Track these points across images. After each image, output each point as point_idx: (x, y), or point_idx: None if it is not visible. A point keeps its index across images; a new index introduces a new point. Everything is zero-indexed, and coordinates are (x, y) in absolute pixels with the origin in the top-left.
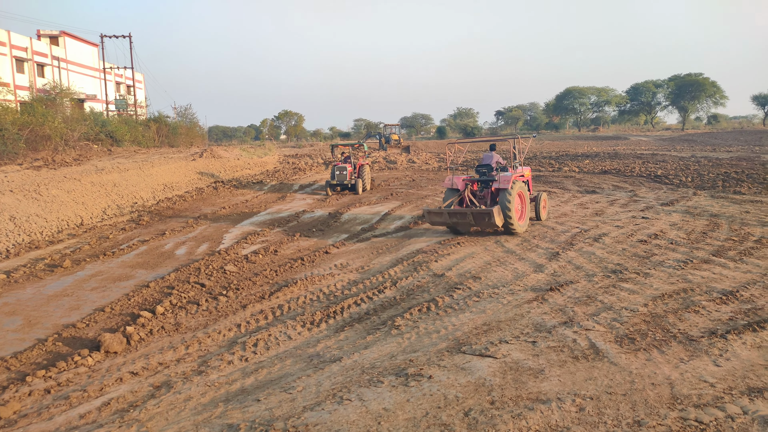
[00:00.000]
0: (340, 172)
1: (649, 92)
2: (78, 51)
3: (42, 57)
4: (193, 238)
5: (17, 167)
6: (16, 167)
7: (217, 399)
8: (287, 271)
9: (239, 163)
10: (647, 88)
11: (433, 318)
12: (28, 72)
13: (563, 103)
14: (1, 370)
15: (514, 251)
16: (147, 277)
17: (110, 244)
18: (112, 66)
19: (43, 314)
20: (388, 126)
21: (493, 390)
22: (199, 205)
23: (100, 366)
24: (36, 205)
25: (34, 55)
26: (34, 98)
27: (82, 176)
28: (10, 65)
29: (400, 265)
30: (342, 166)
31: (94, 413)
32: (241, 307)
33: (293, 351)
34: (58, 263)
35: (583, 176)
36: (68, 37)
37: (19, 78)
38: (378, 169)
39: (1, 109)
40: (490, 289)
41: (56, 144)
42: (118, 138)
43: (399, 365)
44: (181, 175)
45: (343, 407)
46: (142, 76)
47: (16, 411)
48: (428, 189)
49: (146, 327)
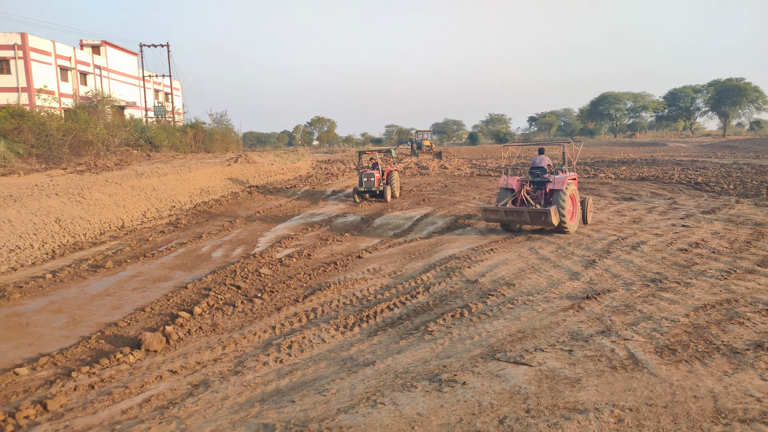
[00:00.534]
0: (368, 178)
1: (687, 98)
2: (118, 60)
3: (84, 66)
4: (229, 242)
5: (62, 171)
6: (60, 171)
7: (253, 399)
8: (321, 274)
9: (273, 169)
10: (686, 94)
11: (466, 324)
12: (72, 80)
13: (598, 109)
14: (49, 365)
15: (548, 258)
16: (185, 279)
17: (150, 246)
18: (151, 74)
19: (86, 313)
20: (420, 132)
21: (528, 398)
22: (234, 209)
23: (140, 364)
24: (80, 207)
25: (77, 64)
26: (78, 105)
27: (122, 180)
28: (55, 74)
29: (432, 271)
30: (370, 173)
31: (136, 409)
32: (276, 310)
33: (327, 354)
34: (100, 264)
35: (620, 183)
36: (109, 46)
37: (63, 86)
38: (410, 175)
39: (47, 116)
40: (525, 296)
41: (98, 149)
42: (156, 144)
43: (432, 370)
44: (217, 179)
45: (377, 411)
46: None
47: (62, 405)
48: (460, 195)
49: (184, 327)
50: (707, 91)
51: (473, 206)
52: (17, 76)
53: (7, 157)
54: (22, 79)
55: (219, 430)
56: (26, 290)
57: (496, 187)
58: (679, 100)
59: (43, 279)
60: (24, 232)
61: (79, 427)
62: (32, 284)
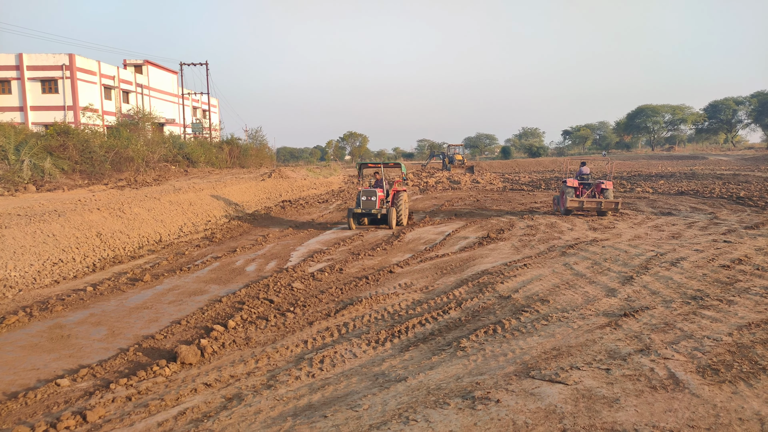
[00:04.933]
0: (368, 198)
1: (729, 110)
2: (159, 78)
3: (127, 84)
4: (262, 256)
5: (103, 187)
6: (102, 187)
7: (286, 413)
8: (352, 289)
9: (306, 183)
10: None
11: (499, 340)
12: (115, 98)
13: (635, 122)
14: (88, 377)
15: (584, 274)
16: (219, 292)
17: (186, 260)
18: (189, 92)
19: (125, 325)
20: (452, 146)
21: (564, 417)
22: (267, 224)
23: (176, 376)
24: (120, 222)
25: (120, 82)
26: (120, 123)
27: (161, 195)
28: (100, 93)
29: (465, 286)
30: (370, 191)
31: (171, 422)
32: (308, 324)
33: (359, 369)
34: (139, 277)
35: (658, 197)
36: (151, 65)
37: (106, 104)
38: (441, 190)
39: (91, 133)
40: (559, 313)
41: (138, 165)
42: (193, 159)
43: (465, 387)
44: (251, 194)
45: (410, 428)
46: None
47: (101, 416)
48: (493, 210)
49: (219, 340)
50: (750, 103)
51: (506, 221)
52: (64, 95)
53: (53, 173)
54: (68, 97)
55: None
56: (68, 303)
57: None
58: (720, 113)
59: (84, 292)
60: (67, 245)
61: None
62: (74, 297)
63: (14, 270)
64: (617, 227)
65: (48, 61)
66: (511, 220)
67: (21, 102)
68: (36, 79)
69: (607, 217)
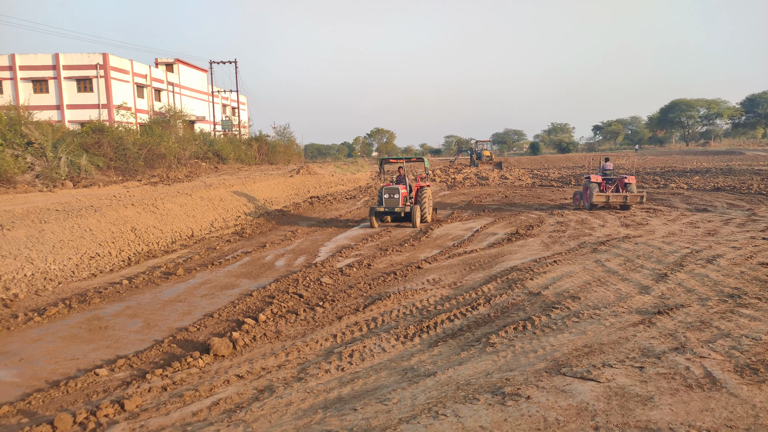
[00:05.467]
0: (390, 195)
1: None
2: (190, 76)
3: (159, 83)
4: (291, 251)
5: (137, 183)
6: (136, 183)
7: (316, 405)
8: (380, 284)
9: (333, 180)
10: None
11: (529, 337)
12: (147, 97)
13: (668, 117)
14: (125, 367)
15: (616, 271)
16: (250, 287)
17: (217, 254)
18: (219, 89)
19: (159, 318)
20: (480, 142)
21: (597, 415)
22: (296, 219)
23: (209, 368)
24: (153, 217)
25: (152, 81)
26: (152, 120)
27: (192, 191)
28: (133, 91)
29: (493, 282)
30: (393, 188)
31: (205, 411)
32: (337, 318)
33: (387, 363)
34: (172, 271)
35: (693, 193)
36: (182, 64)
37: (139, 102)
38: (469, 186)
39: (125, 131)
40: (591, 310)
41: (170, 162)
42: (223, 156)
43: (495, 383)
44: (279, 190)
45: (439, 422)
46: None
47: (138, 405)
48: (522, 206)
49: (250, 333)
50: None
51: (535, 217)
52: (98, 93)
53: (89, 170)
54: (102, 96)
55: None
56: (105, 295)
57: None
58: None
59: (120, 285)
60: (103, 240)
61: (154, 427)
62: (110, 290)
63: (54, 263)
64: (650, 224)
65: (83, 61)
66: (541, 216)
67: (58, 101)
68: (72, 78)
69: (640, 214)
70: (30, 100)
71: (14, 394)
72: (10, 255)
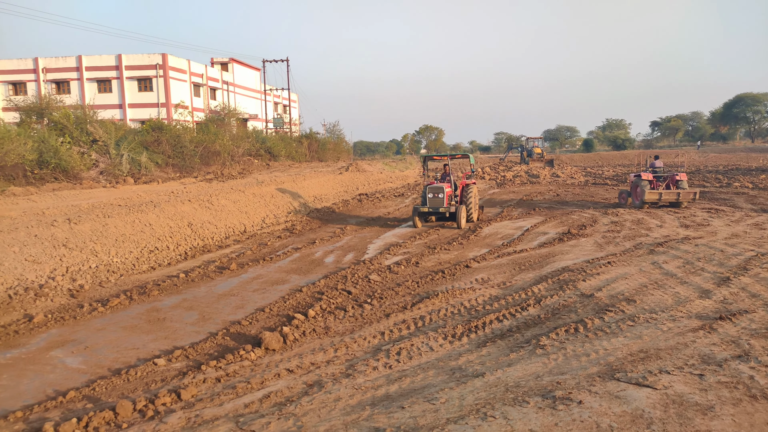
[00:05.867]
0: (434, 195)
1: None
2: (243, 75)
3: (214, 82)
4: (340, 248)
5: (193, 179)
6: (192, 179)
7: (364, 402)
8: (428, 283)
9: (382, 177)
10: None
11: (581, 340)
12: (203, 95)
13: (732, 112)
14: (182, 357)
15: (674, 274)
16: (300, 282)
17: (268, 250)
18: (271, 88)
19: (214, 311)
20: (531, 139)
21: (653, 423)
22: (345, 216)
23: (261, 361)
24: (208, 213)
25: (208, 80)
26: (208, 119)
27: (245, 188)
28: (190, 90)
29: (544, 283)
30: (437, 187)
31: (257, 404)
32: (385, 316)
33: (435, 362)
34: (226, 266)
35: (759, 193)
36: (236, 63)
37: (195, 101)
38: (519, 184)
39: (182, 129)
40: (647, 314)
41: (224, 159)
42: (275, 153)
43: (545, 386)
44: (329, 187)
45: (488, 424)
46: (297, 96)
47: (193, 395)
48: (574, 205)
49: (300, 328)
50: None
51: (588, 216)
52: (158, 92)
53: (149, 167)
54: (161, 95)
55: (332, 429)
56: (163, 288)
57: (615, 196)
58: None
59: (177, 278)
60: (162, 234)
61: (208, 416)
62: (168, 282)
63: (116, 256)
64: (712, 225)
65: (143, 61)
66: (594, 215)
67: (120, 100)
68: (133, 78)
69: (700, 214)
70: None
71: (80, 380)
72: (76, 248)
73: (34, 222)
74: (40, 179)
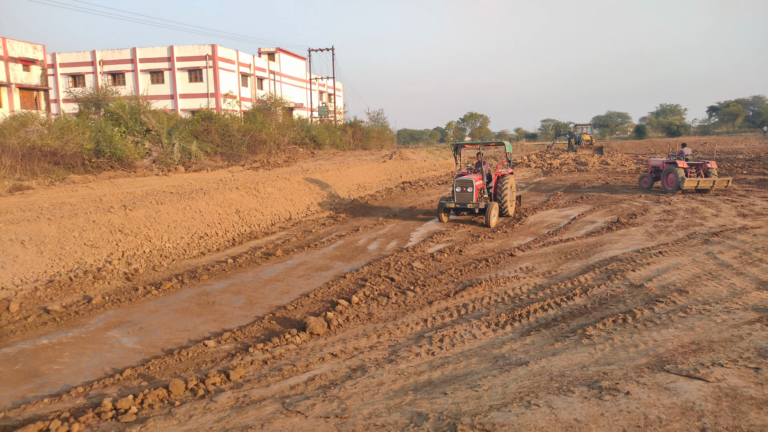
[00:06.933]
0: (463, 189)
1: None
2: (289, 65)
3: (261, 72)
4: (383, 235)
5: (240, 168)
6: (239, 168)
7: (407, 387)
8: (471, 271)
9: (425, 165)
10: None
11: (629, 331)
12: (251, 85)
13: None
14: (230, 340)
15: (730, 264)
16: (343, 269)
17: (313, 237)
18: (316, 77)
19: (260, 295)
20: (579, 126)
21: (704, 416)
22: (388, 204)
23: (305, 345)
24: (255, 200)
25: (255, 70)
26: (255, 108)
27: (290, 176)
28: (237, 80)
29: (591, 272)
30: (466, 180)
31: (302, 386)
32: (428, 303)
33: (478, 350)
34: (271, 252)
35: None
36: (282, 53)
37: (243, 91)
38: (566, 172)
39: (230, 119)
40: (700, 305)
41: (270, 147)
42: (319, 142)
43: (591, 376)
44: (372, 175)
45: (531, 412)
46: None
47: (241, 376)
48: (624, 192)
49: (343, 314)
50: None
51: (638, 205)
52: (207, 83)
53: (198, 155)
54: (211, 85)
55: (376, 413)
56: (212, 273)
57: None
58: None
59: (226, 263)
60: (211, 221)
61: (255, 397)
62: (217, 267)
63: (168, 242)
64: None
65: (194, 53)
66: (645, 204)
67: (172, 90)
68: (184, 69)
69: (759, 203)
70: (148, 90)
71: (135, 359)
72: (131, 233)
73: (93, 208)
74: (97, 167)
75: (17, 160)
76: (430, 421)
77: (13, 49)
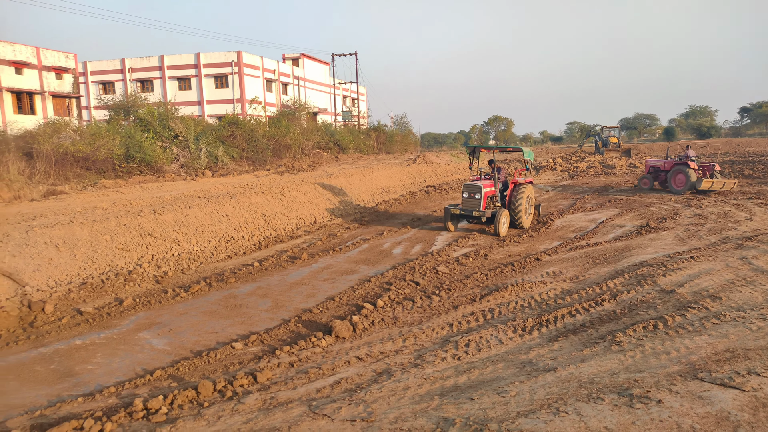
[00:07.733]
0: (470, 195)
1: None
2: (313, 70)
3: (285, 77)
4: (408, 239)
5: (266, 172)
6: (264, 172)
7: (433, 392)
8: (497, 275)
9: (449, 168)
10: None
11: (661, 337)
12: (275, 91)
13: None
14: (257, 342)
15: (765, 270)
16: (368, 273)
17: (338, 241)
18: (340, 81)
19: (286, 298)
20: (606, 128)
21: (740, 426)
22: (412, 208)
23: (331, 348)
24: (280, 204)
25: (280, 75)
26: (279, 113)
27: (315, 180)
28: (262, 86)
29: (620, 278)
30: (475, 186)
31: (328, 389)
32: (453, 308)
33: (504, 355)
34: (297, 255)
35: None
36: (306, 58)
37: (268, 96)
38: (593, 175)
39: (256, 123)
40: (734, 312)
41: (295, 152)
42: (343, 146)
43: (621, 384)
44: (396, 179)
45: (560, 419)
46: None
47: (268, 378)
48: (652, 196)
49: (369, 318)
50: None
51: (668, 208)
52: (233, 89)
53: (224, 160)
54: (236, 91)
55: (402, 417)
56: (239, 276)
57: None
58: None
59: (252, 267)
60: (237, 225)
61: (282, 399)
62: (244, 271)
63: (197, 245)
64: None
65: (220, 59)
66: (675, 207)
67: (198, 97)
68: (210, 75)
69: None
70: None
71: (165, 360)
72: (161, 237)
73: (123, 212)
74: (127, 172)
75: (51, 166)
76: (456, 426)
77: (46, 58)
